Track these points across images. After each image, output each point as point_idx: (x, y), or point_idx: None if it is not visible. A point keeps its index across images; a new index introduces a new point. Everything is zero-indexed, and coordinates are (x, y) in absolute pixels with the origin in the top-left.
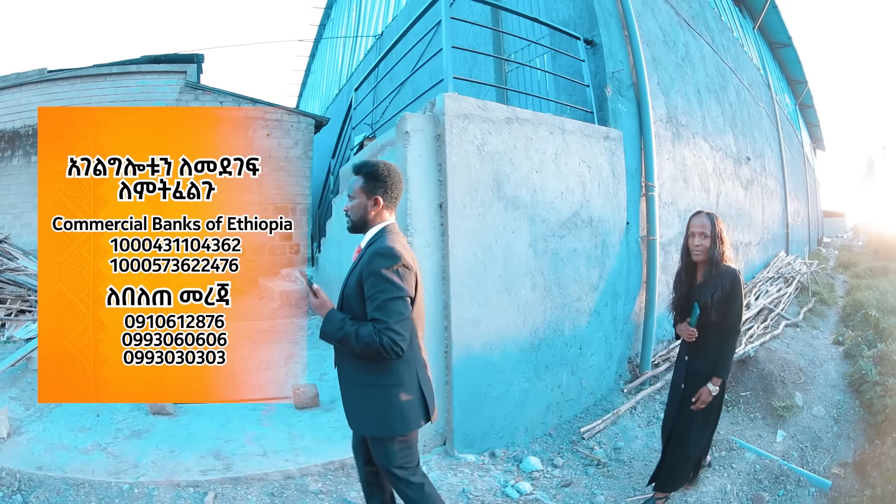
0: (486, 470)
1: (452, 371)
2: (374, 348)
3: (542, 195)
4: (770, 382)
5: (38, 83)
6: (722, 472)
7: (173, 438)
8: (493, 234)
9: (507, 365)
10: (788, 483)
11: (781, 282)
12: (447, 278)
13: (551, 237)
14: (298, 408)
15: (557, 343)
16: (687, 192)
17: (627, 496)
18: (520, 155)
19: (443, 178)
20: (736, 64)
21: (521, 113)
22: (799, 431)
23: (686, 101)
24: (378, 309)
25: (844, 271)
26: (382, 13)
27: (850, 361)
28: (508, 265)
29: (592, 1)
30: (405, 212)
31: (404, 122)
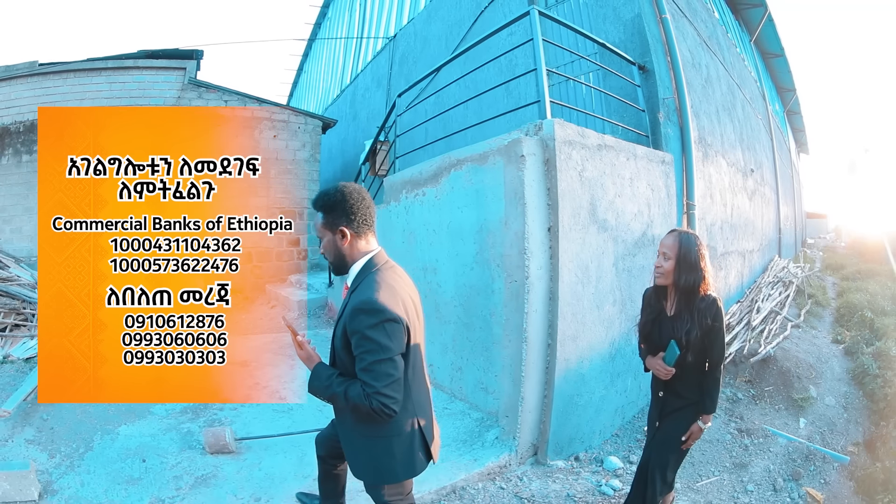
0: (576, 473)
1: (554, 387)
2: (364, 410)
3: (622, 217)
4: (788, 378)
5: (29, 77)
6: (763, 455)
7: (251, 483)
8: (589, 256)
9: (592, 375)
10: (816, 460)
11: (781, 286)
12: (554, 299)
13: (627, 256)
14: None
15: (627, 352)
16: (712, 207)
17: (693, 482)
18: (608, 180)
19: (552, 202)
20: (740, 79)
21: (608, 140)
22: (816, 419)
23: (710, 121)
24: (365, 371)
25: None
26: (395, 15)
27: (851, 358)
28: (599, 283)
29: (644, 28)
30: (523, 236)
31: (519, 145)
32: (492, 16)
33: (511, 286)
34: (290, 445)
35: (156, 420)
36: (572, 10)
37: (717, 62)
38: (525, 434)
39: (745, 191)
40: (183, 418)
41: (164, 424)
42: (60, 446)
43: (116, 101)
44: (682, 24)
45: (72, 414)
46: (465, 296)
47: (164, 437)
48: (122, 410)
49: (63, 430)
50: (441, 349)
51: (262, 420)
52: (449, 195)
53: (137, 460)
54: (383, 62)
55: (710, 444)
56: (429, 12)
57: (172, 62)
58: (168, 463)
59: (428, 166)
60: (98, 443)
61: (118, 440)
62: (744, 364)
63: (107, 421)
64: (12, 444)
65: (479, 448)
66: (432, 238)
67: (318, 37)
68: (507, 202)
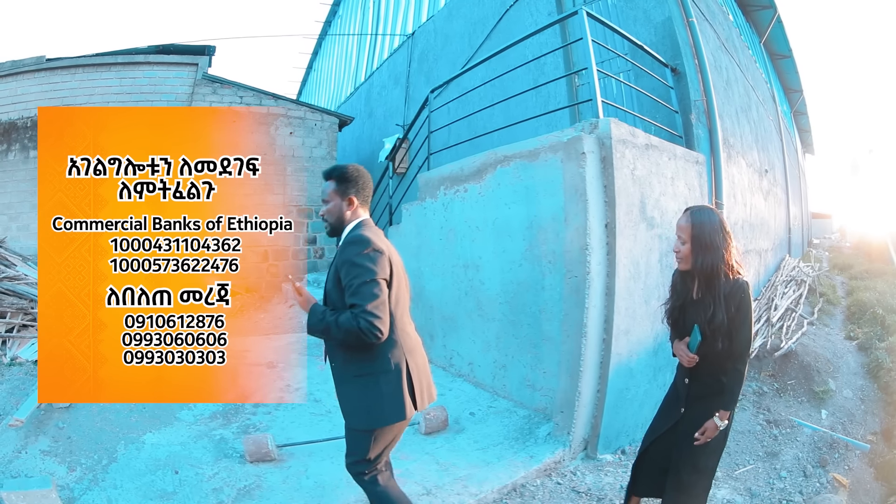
0: (625, 466)
1: (608, 381)
2: (354, 333)
3: (665, 215)
4: (809, 372)
5: (36, 72)
6: (791, 444)
7: (300, 493)
8: (639, 252)
9: (639, 369)
10: (839, 449)
11: (794, 284)
12: (611, 294)
13: (669, 252)
14: (426, 433)
15: (667, 346)
16: (735, 207)
17: (732, 471)
18: (654, 179)
19: (609, 199)
20: (754, 81)
21: (653, 140)
22: (836, 410)
23: (731, 122)
24: (353, 294)
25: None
26: (412, 12)
27: (865, 353)
28: (647, 279)
29: (675, 31)
30: (585, 232)
31: (580, 143)
32: (517, 14)
33: (570, 282)
34: (335, 450)
35: (184, 427)
36: (600, 10)
37: (735, 64)
38: (578, 429)
39: (761, 191)
40: (213, 424)
41: (194, 431)
42: (81, 458)
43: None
44: (705, 27)
45: (90, 421)
46: (511, 293)
47: (195, 445)
48: (146, 416)
49: (82, 439)
50: (483, 347)
51: (300, 424)
52: (495, 191)
53: (169, 472)
54: (401, 60)
55: (742, 434)
56: (449, 10)
57: (184, 58)
58: (204, 474)
59: (470, 162)
60: (122, 453)
61: (144, 450)
62: (767, 359)
63: (129, 428)
64: (26, 455)
65: (533, 445)
66: (475, 235)
67: (330, 33)
68: (567, 198)
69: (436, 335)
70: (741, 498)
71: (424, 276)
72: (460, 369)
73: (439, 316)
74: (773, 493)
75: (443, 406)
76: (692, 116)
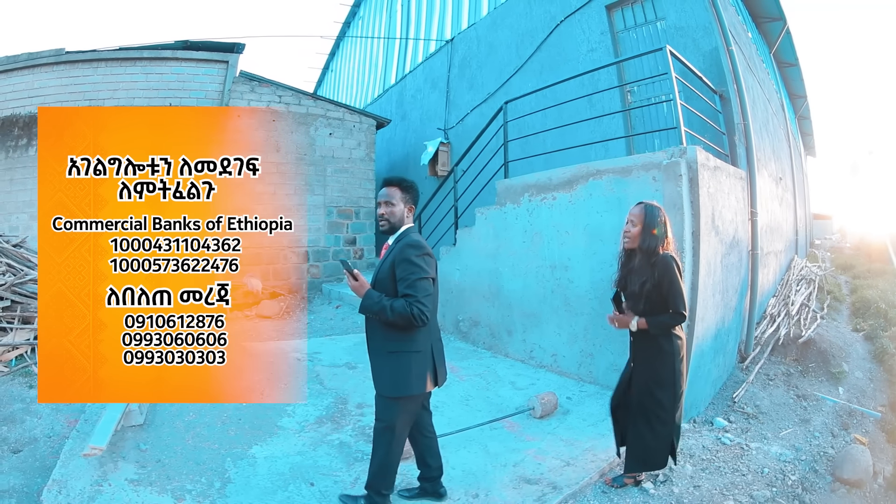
0: (699, 432)
1: (690, 361)
2: (406, 317)
3: (724, 224)
4: (826, 356)
5: (55, 65)
6: (818, 413)
7: (454, 482)
8: (712, 254)
9: (707, 351)
10: (856, 417)
11: (804, 283)
12: (694, 288)
13: (726, 255)
14: (540, 417)
15: (721, 333)
16: (761, 214)
17: (777, 433)
18: (719, 194)
19: (694, 212)
20: (768, 93)
21: (718, 162)
22: (851, 387)
23: (758, 138)
24: (409, 287)
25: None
26: (449, 18)
27: (871, 342)
28: (714, 276)
29: (721, 60)
30: (681, 238)
31: (678, 167)
32: (568, 30)
33: None
34: (464, 441)
35: (292, 435)
36: (651, 35)
37: (756, 82)
38: None
39: (777, 197)
40: (324, 430)
41: (307, 439)
42: (185, 483)
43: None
44: (738, 53)
45: (178, 439)
46: (602, 289)
47: (315, 453)
48: (244, 428)
49: (176, 461)
50: (569, 339)
51: None
52: (586, 200)
53: (303, 485)
54: (438, 64)
55: (780, 406)
56: (493, 19)
57: (213, 55)
58: (344, 481)
59: (559, 174)
60: (235, 472)
61: (259, 465)
62: (791, 346)
63: (230, 443)
64: (110, 487)
65: None
66: (563, 238)
67: (349, 35)
68: (666, 210)
69: (514, 331)
70: (790, 452)
71: (503, 276)
72: (542, 361)
73: (519, 313)
74: (811, 447)
75: (553, 392)
76: (735, 137)
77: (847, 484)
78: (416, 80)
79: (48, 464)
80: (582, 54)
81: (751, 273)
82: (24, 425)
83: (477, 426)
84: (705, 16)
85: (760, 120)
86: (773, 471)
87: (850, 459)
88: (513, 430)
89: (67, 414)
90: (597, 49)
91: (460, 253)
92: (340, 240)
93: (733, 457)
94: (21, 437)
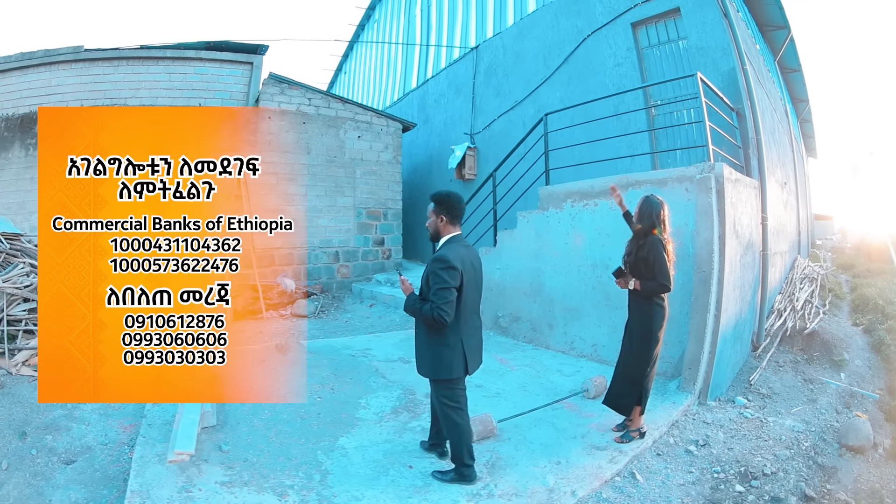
0: (724, 409)
1: (717, 346)
2: (430, 319)
3: (742, 229)
4: (828, 347)
5: (73, 62)
6: (823, 395)
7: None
8: (732, 254)
9: (727, 337)
10: (857, 398)
11: (807, 281)
12: (720, 283)
13: (743, 255)
14: (593, 398)
15: (739, 323)
16: (770, 218)
17: (789, 410)
18: (739, 203)
19: (721, 219)
20: (775, 103)
21: (736, 175)
22: (851, 374)
23: (767, 148)
24: (434, 294)
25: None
26: (473, 25)
27: (869, 335)
28: (734, 274)
29: (738, 79)
30: (712, 241)
31: (710, 180)
32: (595, 44)
33: (699, 275)
34: (534, 420)
35: (373, 426)
36: (674, 53)
37: (765, 93)
38: (698, 383)
39: (782, 202)
40: (402, 419)
41: (388, 429)
42: (282, 479)
43: (177, 92)
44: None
45: (260, 437)
46: None
47: (401, 439)
48: (325, 422)
49: (265, 458)
50: (609, 330)
51: (481, 408)
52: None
53: (402, 468)
54: (463, 71)
55: (791, 388)
56: (519, 29)
57: (238, 56)
58: (438, 462)
59: (601, 183)
60: (330, 463)
61: (352, 454)
62: (797, 337)
63: (316, 437)
64: (201, 492)
65: (670, 395)
66: (605, 241)
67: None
68: (698, 218)
69: (555, 324)
70: (801, 425)
71: (545, 274)
72: (582, 351)
73: (561, 308)
74: (819, 421)
75: (603, 375)
76: (749, 150)
77: (852, 450)
78: (440, 84)
79: (111, 473)
80: (609, 68)
81: (762, 271)
82: (72, 433)
83: (541, 407)
84: (724, 37)
85: (769, 130)
86: (788, 438)
87: (854, 429)
88: (572, 409)
89: (120, 419)
90: (623, 64)
91: (501, 253)
92: (369, 240)
93: (755, 427)
94: (71, 446)
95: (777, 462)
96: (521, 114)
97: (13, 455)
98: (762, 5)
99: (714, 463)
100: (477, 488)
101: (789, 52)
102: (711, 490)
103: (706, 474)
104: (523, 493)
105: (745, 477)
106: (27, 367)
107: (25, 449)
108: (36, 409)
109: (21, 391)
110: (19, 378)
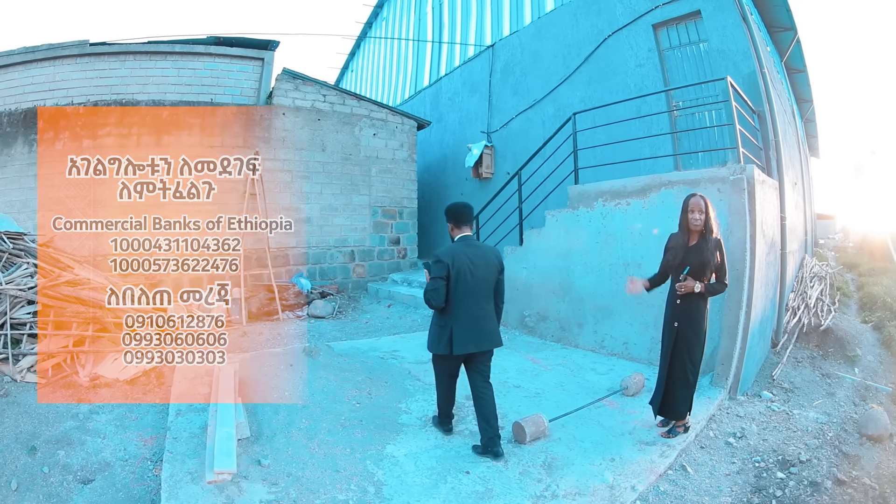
0: (752, 403)
1: (748, 341)
2: (424, 300)
3: (767, 227)
4: (842, 343)
5: (78, 57)
6: (840, 388)
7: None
8: (760, 253)
9: (756, 333)
10: (871, 391)
11: (817, 279)
12: (751, 281)
13: (767, 254)
14: (631, 395)
15: (764, 320)
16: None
17: (811, 403)
18: (765, 203)
19: (751, 219)
20: (785, 105)
21: (762, 176)
22: (864, 368)
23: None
24: (427, 281)
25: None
26: (489, 24)
27: (879, 331)
28: (761, 272)
29: (758, 82)
30: (745, 240)
31: (742, 182)
32: (616, 44)
33: (732, 273)
34: (579, 419)
35: (419, 432)
36: (695, 56)
37: (776, 95)
38: (730, 378)
39: (793, 202)
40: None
41: (436, 433)
42: (335, 494)
43: (187, 88)
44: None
45: (300, 448)
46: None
47: (451, 444)
48: (369, 430)
49: (311, 472)
50: (640, 328)
51: (524, 409)
52: (659, 207)
53: (459, 474)
54: (478, 69)
55: (810, 383)
56: (537, 28)
57: (248, 51)
58: (495, 467)
59: (633, 182)
60: (382, 473)
61: (402, 463)
62: (812, 334)
63: (361, 446)
64: None
65: (704, 391)
66: (636, 240)
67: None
68: (731, 218)
69: (585, 323)
70: (823, 416)
71: (575, 273)
72: (613, 349)
73: (591, 307)
74: (839, 413)
75: (640, 372)
76: (770, 152)
77: (871, 439)
78: (454, 83)
79: (135, 494)
80: (630, 69)
81: (780, 268)
82: (86, 447)
83: (585, 406)
84: (744, 41)
85: (781, 131)
86: (814, 429)
87: (872, 419)
88: (614, 406)
89: (139, 431)
90: (644, 65)
91: (527, 252)
92: (385, 239)
93: (783, 419)
94: (87, 462)
95: (809, 451)
96: (541, 112)
97: (23, 473)
98: (771, 7)
99: (753, 453)
100: (540, 489)
101: (795, 54)
102: (756, 478)
103: (748, 464)
104: (586, 492)
105: (783, 465)
106: (32, 373)
107: (36, 466)
108: (45, 421)
109: (27, 400)
110: (24, 385)
